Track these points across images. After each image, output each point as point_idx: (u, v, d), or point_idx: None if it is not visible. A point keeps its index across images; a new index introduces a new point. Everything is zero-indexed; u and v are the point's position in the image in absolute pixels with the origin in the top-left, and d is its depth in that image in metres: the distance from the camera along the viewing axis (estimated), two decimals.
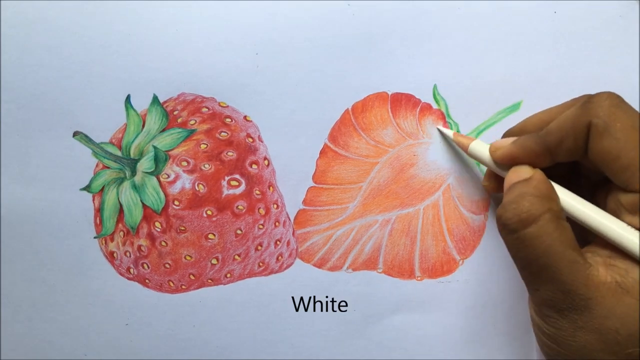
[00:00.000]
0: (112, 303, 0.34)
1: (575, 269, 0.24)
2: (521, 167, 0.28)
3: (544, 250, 0.25)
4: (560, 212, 0.26)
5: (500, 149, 0.29)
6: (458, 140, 0.32)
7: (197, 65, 0.33)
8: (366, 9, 0.33)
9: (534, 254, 0.25)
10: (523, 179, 0.27)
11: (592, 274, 0.24)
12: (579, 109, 0.26)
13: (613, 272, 0.24)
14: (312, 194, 0.34)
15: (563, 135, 0.26)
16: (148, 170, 0.33)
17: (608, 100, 0.26)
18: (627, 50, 0.33)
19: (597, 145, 0.25)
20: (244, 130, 0.34)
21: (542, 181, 0.26)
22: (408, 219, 0.34)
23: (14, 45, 0.33)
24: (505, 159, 0.29)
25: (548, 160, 0.27)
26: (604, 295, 0.24)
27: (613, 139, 0.25)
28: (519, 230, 0.25)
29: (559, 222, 0.25)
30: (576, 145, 0.26)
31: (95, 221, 0.34)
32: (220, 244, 0.34)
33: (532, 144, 0.27)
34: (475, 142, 0.31)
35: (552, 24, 0.33)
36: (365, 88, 0.33)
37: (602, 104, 0.25)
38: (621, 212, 0.25)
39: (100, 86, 0.33)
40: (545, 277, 0.25)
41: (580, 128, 0.26)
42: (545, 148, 0.27)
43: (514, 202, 0.26)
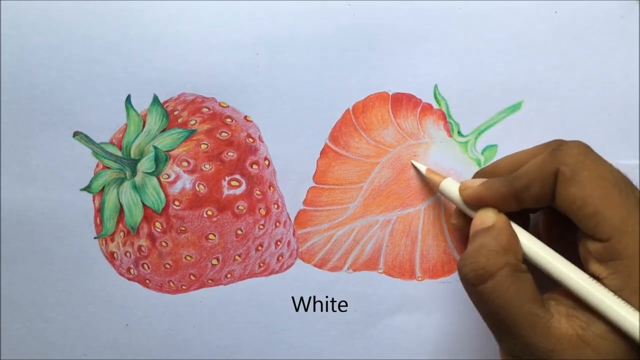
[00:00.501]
0: (112, 303, 0.34)
1: (535, 322, 0.24)
2: (486, 212, 0.28)
3: (502, 305, 0.25)
4: (518, 264, 0.26)
5: (469, 189, 0.29)
6: (429, 177, 0.32)
7: (197, 65, 0.33)
8: (366, 9, 0.33)
9: (493, 308, 0.25)
10: (485, 227, 0.27)
11: (554, 326, 0.24)
12: (548, 156, 0.26)
13: (575, 324, 0.24)
14: (313, 194, 0.34)
15: (530, 181, 0.26)
16: (148, 170, 0.33)
17: (577, 148, 0.26)
18: (627, 50, 0.33)
19: (564, 192, 0.25)
20: (245, 130, 0.34)
21: (503, 230, 0.27)
22: (409, 219, 0.34)
23: (14, 45, 0.33)
24: (473, 199, 0.29)
25: (515, 205, 0.27)
26: (565, 348, 0.24)
27: (580, 187, 0.25)
28: (477, 286, 0.25)
29: (517, 275, 0.25)
30: (543, 192, 0.26)
31: (95, 221, 0.34)
32: (221, 245, 0.34)
33: (499, 187, 0.27)
34: (446, 181, 0.31)
35: (552, 24, 0.33)
36: (366, 88, 0.33)
37: (570, 152, 0.25)
38: (589, 260, 0.25)
39: (100, 86, 0.33)
40: (505, 330, 0.25)
41: (548, 175, 0.26)
42: (512, 192, 0.27)
43: (472, 256, 0.26)
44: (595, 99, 0.33)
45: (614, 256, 0.24)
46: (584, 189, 0.25)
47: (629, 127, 0.33)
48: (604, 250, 0.24)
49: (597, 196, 0.24)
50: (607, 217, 0.24)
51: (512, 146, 0.33)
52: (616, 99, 0.33)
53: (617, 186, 0.25)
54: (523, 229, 0.28)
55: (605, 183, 0.25)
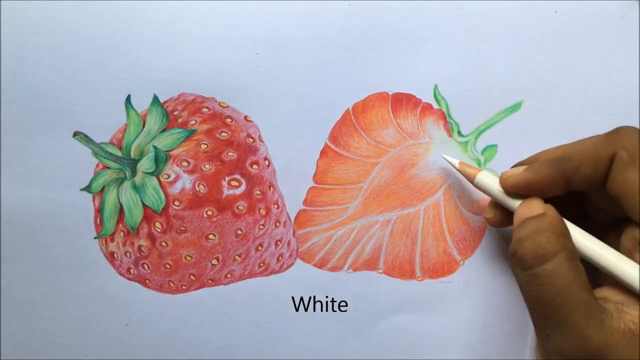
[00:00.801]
0: (112, 303, 0.34)
1: (591, 313, 0.23)
2: (533, 201, 0.27)
3: (560, 290, 0.24)
4: (575, 251, 0.25)
5: (512, 177, 0.28)
6: (464, 170, 0.31)
7: (197, 65, 0.33)
8: (367, 9, 0.33)
9: (549, 293, 0.24)
10: (536, 214, 0.26)
11: (607, 319, 0.24)
12: (605, 138, 0.25)
13: (626, 319, 0.24)
14: (313, 194, 0.34)
15: (583, 162, 0.26)
16: (148, 170, 0.33)
17: (636, 133, 0.25)
18: (627, 50, 0.33)
19: (620, 177, 0.25)
20: (245, 130, 0.34)
21: (556, 218, 0.26)
22: (409, 219, 0.34)
23: (14, 45, 0.33)
24: (517, 186, 0.27)
25: (563, 187, 0.26)
26: (618, 343, 0.23)
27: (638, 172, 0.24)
28: (535, 267, 0.24)
29: (575, 262, 0.24)
30: (595, 174, 0.25)
31: (95, 221, 0.34)
32: (221, 245, 0.34)
33: (548, 169, 0.27)
34: (483, 173, 0.30)
35: (552, 24, 0.33)
36: (366, 88, 0.33)
37: (630, 137, 0.25)
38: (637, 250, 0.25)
39: (100, 86, 0.33)
40: (559, 319, 0.24)
41: (603, 157, 0.25)
42: (562, 174, 0.26)
43: (530, 237, 0.25)
44: (595, 99, 0.33)
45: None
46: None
47: None
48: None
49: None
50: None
51: (512, 146, 0.33)
52: (616, 99, 0.33)
53: None
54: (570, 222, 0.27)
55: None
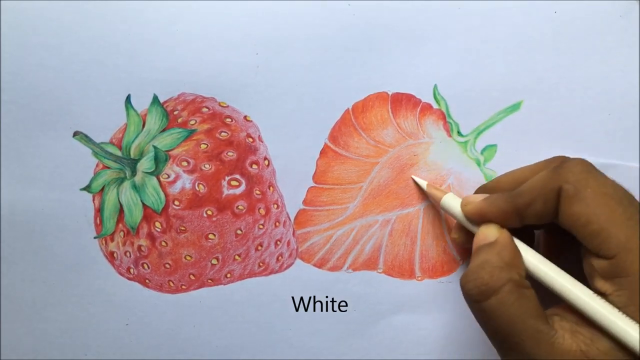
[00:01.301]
0: (112, 303, 0.34)
1: (539, 338, 0.24)
2: (489, 227, 0.28)
3: (506, 321, 0.25)
4: (522, 280, 0.25)
5: (471, 205, 0.29)
6: (431, 192, 0.32)
7: (197, 65, 0.33)
8: (366, 9, 0.33)
9: (496, 324, 0.25)
10: (488, 242, 0.27)
11: (558, 342, 0.24)
12: (550, 173, 0.26)
13: (579, 340, 0.24)
14: (313, 194, 0.34)
15: (533, 198, 0.26)
16: (148, 170, 0.33)
17: (579, 166, 0.26)
18: (627, 50, 0.33)
19: (568, 210, 0.25)
20: (244, 130, 0.34)
21: (506, 246, 0.27)
22: (408, 219, 0.34)
23: (14, 45, 0.33)
24: (475, 215, 0.29)
25: (517, 221, 0.27)
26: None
27: (584, 204, 0.25)
28: (480, 302, 0.25)
29: (520, 291, 0.25)
30: (545, 209, 0.26)
31: (95, 221, 0.34)
32: (221, 244, 0.34)
33: (502, 203, 0.27)
34: (447, 196, 0.31)
35: (552, 24, 0.33)
36: (366, 88, 0.33)
37: (573, 170, 0.25)
38: (594, 277, 0.25)
39: (100, 86, 0.33)
40: (509, 346, 0.25)
41: (551, 192, 0.26)
42: (514, 209, 0.27)
43: (475, 272, 0.26)
44: (595, 99, 0.33)
45: (620, 273, 0.24)
46: (588, 207, 0.25)
47: (629, 127, 0.33)
48: (610, 267, 0.24)
49: (601, 213, 0.24)
50: (612, 235, 0.24)
51: (512, 146, 0.33)
52: (616, 99, 0.33)
53: (621, 203, 0.24)
54: (526, 245, 0.27)
55: (609, 200, 0.24)
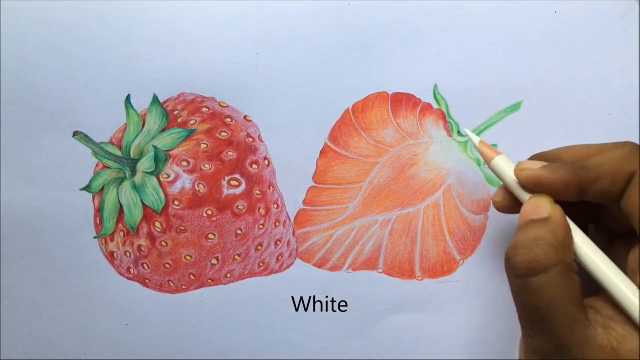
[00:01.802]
0: (112, 303, 0.34)
1: (575, 326, 0.23)
2: (542, 200, 0.26)
3: (547, 302, 0.24)
4: (572, 264, 0.24)
5: (528, 170, 0.27)
6: (483, 150, 0.30)
7: (197, 65, 0.33)
8: (366, 9, 0.33)
9: (537, 303, 0.24)
10: (541, 219, 0.25)
11: (591, 334, 0.23)
12: (627, 154, 0.25)
13: (611, 336, 0.24)
14: (313, 194, 0.34)
15: (601, 175, 0.25)
16: (148, 170, 0.33)
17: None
18: (627, 50, 0.33)
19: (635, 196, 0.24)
20: (244, 130, 0.34)
21: (560, 225, 0.25)
22: (408, 219, 0.34)
23: (14, 45, 0.33)
24: (531, 181, 0.27)
25: (576, 195, 0.26)
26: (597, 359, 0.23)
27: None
28: (526, 277, 0.24)
29: (569, 275, 0.24)
30: (611, 189, 0.25)
31: (95, 221, 0.34)
32: (221, 244, 0.34)
33: (565, 173, 0.26)
34: (500, 158, 0.29)
35: (552, 24, 0.33)
36: (366, 88, 0.33)
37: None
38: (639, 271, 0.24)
39: (100, 86, 0.33)
40: (542, 327, 0.24)
41: (623, 173, 0.25)
42: (577, 182, 0.25)
43: (526, 246, 0.24)
44: (595, 99, 0.33)
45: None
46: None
47: (629, 127, 0.33)
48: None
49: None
50: None
51: (512, 146, 0.33)
52: (616, 99, 0.33)
53: None
54: (577, 227, 0.26)
55: None
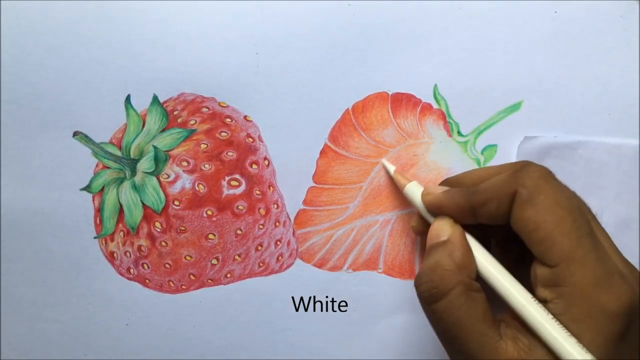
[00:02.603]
0: (112, 303, 0.34)
1: (483, 342, 0.24)
2: (442, 222, 0.28)
3: (453, 323, 0.25)
4: (471, 283, 0.26)
5: (431, 195, 0.29)
6: (397, 177, 0.32)
7: (197, 65, 0.33)
8: (366, 9, 0.33)
9: (444, 325, 0.25)
10: (441, 242, 0.27)
11: (500, 348, 0.24)
12: (508, 176, 0.26)
13: (519, 347, 0.24)
14: (313, 194, 0.34)
15: (488, 198, 0.26)
16: (148, 170, 0.33)
17: (538, 172, 0.26)
18: (627, 50, 0.33)
19: (519, 214, 0.25)
20: (244, 130, 0.34)
21: (458, 245, 0.27)
22: (408, 219, 0.34)
23: (14, 45, 0.33)
24: (432, 206, 0.29)
25: (471, 218, 0.27)
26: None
27: (534, 210, 0.25)
28: (430, 304, 0.26)
29: (469, 294, 0.25)
30: (499, 211, 0.26)
31: (95, 221, 0.34)
32: (221, 244, 0.34)
33: (459, 198, 0.28)
34: (411, 184, 0.31)
35: (552, 24, 0.33)
36: (366, 88, 0.33)
37: (531, 175, 0.26)
38: (537, 284, 0.25)
39: (100, 86, 0.33)
40: (456, 347, 0.25)
41: (506, 194, 0.26)
42: (469, 206, 0.27)
43: (427, 274, 0.26)
44: (595, 99, 0.33)
45: (559, 282, 0.24)
46: (538, 213, 0.25)
47: (629, 127, 0.33)
48: (551, 275, 0.24)
49: (550, 221, 0.24)
50: (557, 243, 0.24)
51: (512, 146, 0.33)
52: (616, 99, 0.33)
53: (571, 214, 0.24)
54: (478, 244, 0.28)
55: (560, 209, 0.24)
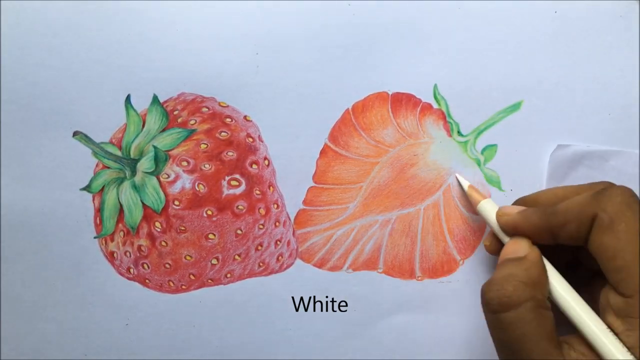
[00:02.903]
0: (112, 303, 0.34)
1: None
2: (520, 241, 0.28)
3: (519, 337, 0.24)
4: (543, 300, 0.25)
5: (506, 216, 0.29)
6: (471, 193, 0.32)
7: (197, 65, 0.33)
8: (366, 9, 0.33)
9: (509, 338, 0.25)
10: (516, 257, 0.27)
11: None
12: (590, 198, 0.25)
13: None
14: (313, 194, 0.34)
15: (568, 220, 0.26)
16: (148, 170, 0.33)
17: (621, 196, 0.25)
18: (627, 50, 0.33)
19: (598, 239, 0.25)
20: (244, 130, 0.34)
21: (535, 264, 0.26)
22: (408, 219, 0.34)
23: (14, 45, 0.33)
24: (508, 226, 0.29)
25: (549, 239, 0.27)
26: None
27: (614, 237, 0.24)
28: (498, 312, 0.25)
29: (540, 311, 0.25)
30: (578, 233, 0.26)
31: (95, 221, 0.34)
32: (221, 244, 0.34)
33: (536, 219, 0.27)
34: (486, 201, 0.31)
35: (552, 24, 0.33)
36: (366, 88, 0.33)
37: (613, 199, 0.25)
38: (608, 311, 0.25)
39: (100, 86, 0.33)
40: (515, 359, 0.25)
41: (586, 217, 0.25)
42: (548, 227, 0.27)
43: (499, 283, 0.26)
44: (595, 99, 0.33)
45: (633, 313, 0.24)
46: (618, 241, 0.24)
47: (629, 127, 0.33)
48: (625, 305, 0.24)
49: (629, 251, 0.24)
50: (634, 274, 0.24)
51: (512, 146, 0.33)
52: (616, 99, 0.33)
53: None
54: (553, 267, 0.27)
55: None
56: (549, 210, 0.27)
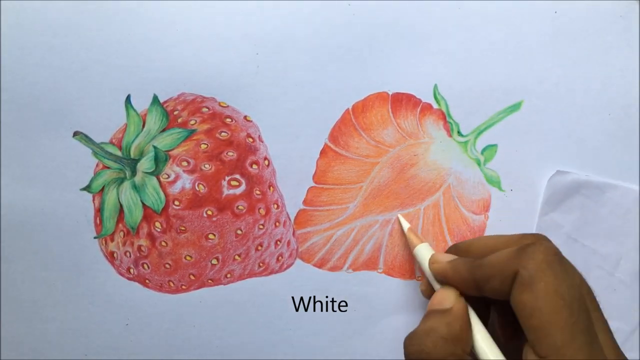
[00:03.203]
0: (112, 303, 0.34)
1: None
2: (447, 292, 0.28)
3: None
4: (463, 356, 0.25)
5: (437, 264, 0.29)
6: (409, 236, 0.32)
7: (197, 65, 0.33)
8: (366, 9, 0.33)
9: None
10: (441, 309, 0.27)
11: None
12: (513, 254, 0.25)
13: None
14: (313, 194, 0.34)
15: (491, 274, 0.26)
16: (148, 170, 0.33)
17: (543, 254, 0.25)
18: (627, 50, 0.33)
19: (518, 296, 0.24)
20: (244, 130, 0.34)
21: (458, 318, 0.26)
22: (408, 219, 0.34)
23: (14, 45, 0.33)
24: (439, 275, 0.29)
25: (475, 291, 0.27)
26: None
27: (533, 296, 0.24)
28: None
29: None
30: (502, 288, 0.25)
31: (95, 221, 0.34)
32: (221, 244, 0.34)
33: (463, 271, 0.27)
34: (421, 246, 0.31)
35: (552, 24, 0.33)
36: (366, 88, 0.33)
37: (535, 257, 0.25)
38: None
39: (100, 86, 0.33)
40: None
41: (509, 273, 0.25)
42: (473, 280, 0.27)
43: (420, 337, 0.26)
44: (595, 99, 0.33)
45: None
46: (536, 300, 0.24)
47: (629, 127, 0.33)
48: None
49: (545, 312, 0.24)
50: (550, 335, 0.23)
51: (512, 146, 0.33)
52: (616, 99, 0.33)
53: (570, 306, 0.23)
54: (479, 321, 0.27)
55: (559, 300, 0.24)
56: (475, 263, 0.27)
